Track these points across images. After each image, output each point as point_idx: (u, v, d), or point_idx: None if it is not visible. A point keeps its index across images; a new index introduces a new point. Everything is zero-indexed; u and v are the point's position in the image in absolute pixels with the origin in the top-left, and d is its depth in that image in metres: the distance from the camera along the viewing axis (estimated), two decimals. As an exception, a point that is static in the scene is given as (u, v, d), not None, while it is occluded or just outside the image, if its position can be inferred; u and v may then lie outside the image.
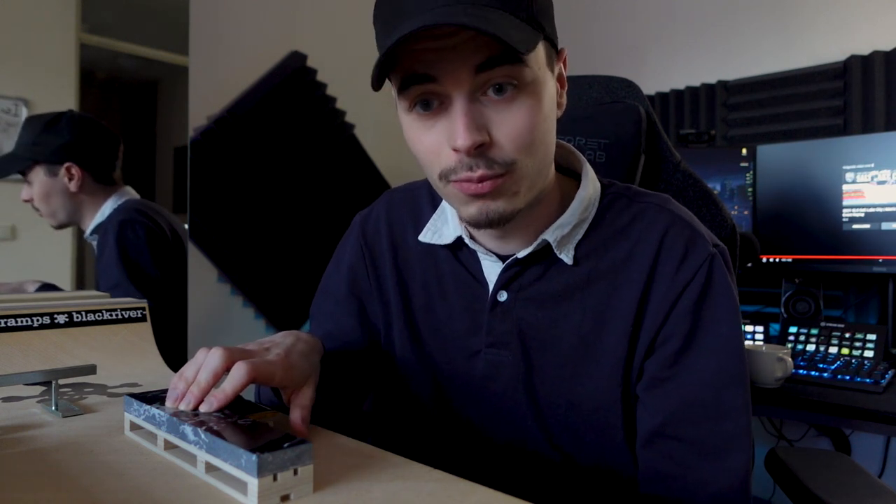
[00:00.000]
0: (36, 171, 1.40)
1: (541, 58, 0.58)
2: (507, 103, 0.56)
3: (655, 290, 0.62)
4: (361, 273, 0.79)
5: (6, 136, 1.81)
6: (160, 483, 0.47)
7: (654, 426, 0.62)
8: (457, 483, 0.48)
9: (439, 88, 0.56)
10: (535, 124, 0.57)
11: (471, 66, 0.54)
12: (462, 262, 0.71)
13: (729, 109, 2.02)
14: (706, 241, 0.63)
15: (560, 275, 0.66)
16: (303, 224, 1.63)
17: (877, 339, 1.45)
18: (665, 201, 0.67)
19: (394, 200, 0.80)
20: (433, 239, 0.72)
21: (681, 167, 0.98)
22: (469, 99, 0.55)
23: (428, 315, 0.73)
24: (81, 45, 2.02)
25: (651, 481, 0.63)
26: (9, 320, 0.82)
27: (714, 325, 0.61)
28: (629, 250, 0.64)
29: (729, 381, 0.61)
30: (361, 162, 1.77)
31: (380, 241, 0.78)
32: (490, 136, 0.56)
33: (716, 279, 0.61)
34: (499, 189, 0.57)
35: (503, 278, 0.67)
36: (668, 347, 0.61)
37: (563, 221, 0.65)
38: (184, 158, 1.44)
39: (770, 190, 1.66)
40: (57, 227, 1.47)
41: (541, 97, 0.57)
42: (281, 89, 1.56)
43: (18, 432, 0.59)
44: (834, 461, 0.98)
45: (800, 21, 1.92)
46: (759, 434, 1.86)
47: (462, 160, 0.56)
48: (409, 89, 0.57)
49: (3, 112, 1.85)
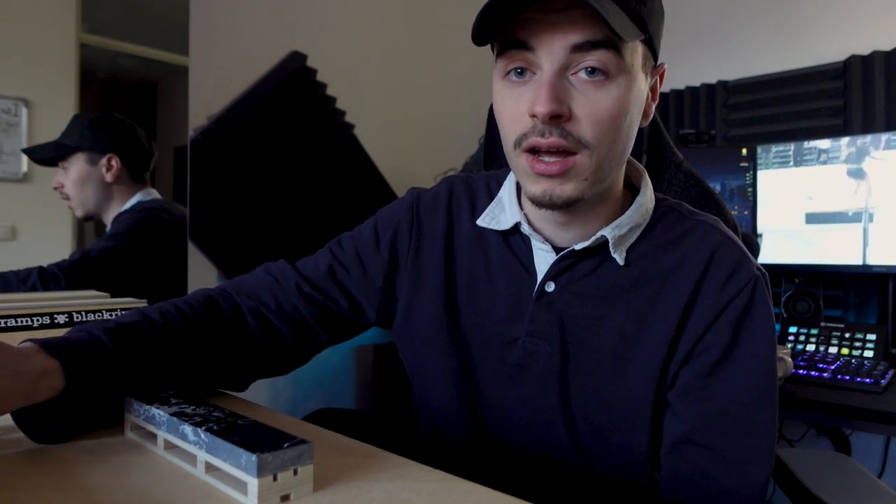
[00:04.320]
0: (77, 158, 1.45)
1: (638, 56, 0.60)
2: (595, 86, 0.57)
3: (700, 301, 0.63)
4: (403, 236, 0.77)
5: (6, 135, 1.81)
6: (160, 483, 0.47)
7: (683, 433, 0.63)
8: (457, 483, 0.48)
9: (534, 58, 0.58)
10: (617, 114, 0.58)
11: (568, 42, 0.56)
12: (513, 249, 0.72)
13: (729, 109, 2.02)
14: (752, 264, 0.65)
15: (610, 274, 0.67)
16: (303, 224, 1.63)
17: (877, 339, 1.45)
18: (716, 222, 0.69)
19: (454, 184, 0.80)
20: (491, 224, 0.72)
21: (683, 167, 0.98)
22: (559, 73, 0.57)
23: (470, 298, 0.73)
24: (81, 45, 2.02)
25: (672, 486, 0.63)
26: (9, 320, 0.82)
27: (752, 342, 0.62)
28: (679, 260, 0.65)
29: (760, 397, 0.62)
30: (361, 162, 1.77)
31: (435, 217, 0.77)
32: (571, 113, 0.57)
33: (758, 300, 0.63)
34: (566, 172, 0.59)
35: (555, 268, 0.68)
36: (706, 358, 0.63)
37: (622, 222, 0.66)
38: (184, 158, 1.44)
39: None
40: (82, 216, 1.51)
41: (629, 91, 0.59)
42: (281, 89, 1.56)
43: (18, 432, 0.59)
44: (834, 461, 0.98)
45: (800, 21, 1.92)
46: (759, 434, 1.86)
47: (536, 125, 0.58)
48: (506, 53, 0.59)
49: (3, 112, 1.85)
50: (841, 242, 1.56)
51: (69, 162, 1.46)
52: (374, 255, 0.78)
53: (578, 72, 0.57)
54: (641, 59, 0.61)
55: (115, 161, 1.46)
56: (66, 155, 1.45)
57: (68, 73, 1.99)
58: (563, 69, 0.57)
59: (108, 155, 1.46)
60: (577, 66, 0.57)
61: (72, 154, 1.45)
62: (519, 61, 0.59)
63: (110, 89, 2.31)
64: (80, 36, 2.01)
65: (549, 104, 0.56)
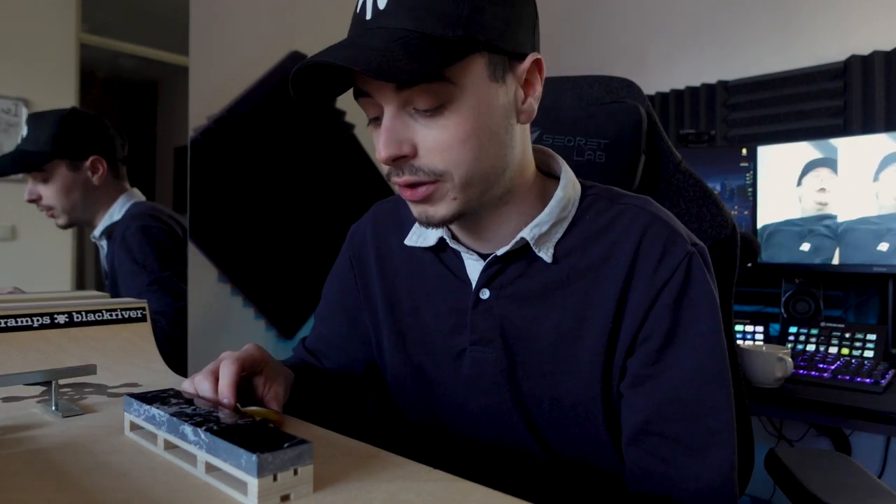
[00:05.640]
0: (56, 166, 1.37)
1: (478, 69, 0.59)
2: (432, 118, 0.58)
3: (634, 288, 0.63)
4: (350, 283, 0.83)
5: (6, 135, 1.81)
6: (160, 483, 0.47)
7: (638, 423, 0.63)
8: (457, 483, 0.48)
9: (376, 102, 0.60)
10: (466, 137, 0.59)
11: (392, 86, 0.57)
12: (445, 263, 0.73)
13: (729, 109, 2.02)
14: (684, 241, 0.64)
15: (540, 273, 0.67)
16: (303, 224, 1.63)
17: (877, 339, 1.45)
18: (645, 203, 0.68)
19: (380, 211, 0.83)
20: (418, 242, 0.74)
21: (681, 167, 0.98)
22: (395, 114, 0.59)
23: (415, 319, 0.75)
24: (81, 45, 2.02)
25: (637, 479, 0.63)
26: (9, 320, 0.82)
27: (694, 322, 0.62)
28: (608, 249, 0.65)
29: (709, 378, 0.61)
30: (361, 162, 1.77)
31: (366, 251, 0.81)
32: (416, 148, 0.59)
33: (694, 277, 0.62)
34: (432, 196, 0.61)
35: (485, 276, 0.68)
36: (649, 345, 0.62)
37: (541, 220, 0.66)
38: (184, 158, 1.44)
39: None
40: (66, 225, 1.44)
41: (476, 109, 0.59)
42: (281, 89, 1.56)
43: (18, 432, 0.59)
44: (834, 461, 0.98)
45: (800, 21, 1.92)
46: (759, 434, 1.86)
47: (391, 167, 0.61)
48: (357, 101, 0.62)
49: (3, 112, 1.85)
50: (841, 242, 1.56)
51: (48, 171, 1.36)
52: (341, 313, 0.84)
53: (415, 106, 0.58)
54: (487, 69, 0.59)
55: (101, 164, 1.40)
56: (42, 164, 1.35)
57: (68, 73, 1.99)
58: (402, 108, 0.59)
59: (92, 157, 1.39)
60: (413, 103, 0.58)
61: (49, 162, 1.35)
62: (368, 107, 0.62)
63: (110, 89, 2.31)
64: (80, 36, 2.01)
65: (387, 149, 0.58)
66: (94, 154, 1.40)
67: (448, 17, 0.56)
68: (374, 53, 0.54)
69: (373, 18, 0.57)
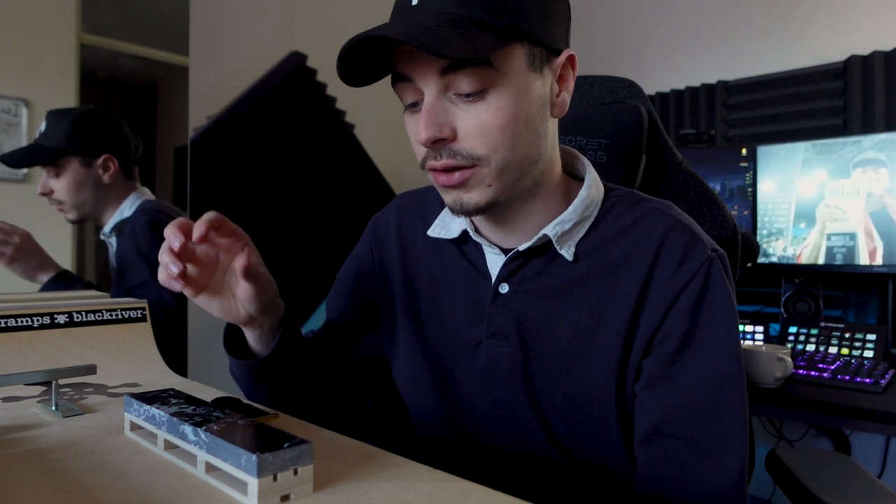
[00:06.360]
0: (69, 162, 1.40)
1: (520, 58, 0.60)
2: (473, 102, 0.59)
3: (653, 289, 0.63)
4: (367, 269, 0.83)
5: (6, 135, 1.81)
6: (160, 483, 0.47)
7: (652, 425, 0.63)
8: (457, 483, 0.48)
9: (416, 87, 0.61)
10: (505, 123, 0.60)
11: (437, 68, 0.58)
12: (467, 255, 0.73)
13: (729, 109, 2.02)
14: (705, 246, 0.64)
15: (561, 270, 0.67)
16: (303, 224, 1.63)
17: (877, 339, 1.45)
18: (668, 206, 0.68)
19: (404, 202, 0.83)
20: (441, 233, 0.74)
21: (682, 167, 0.98)
22: (437, 97, 0.60)
23: (433, 310, 0.75)
24: (81, 45, 2.02)
25: (647, 479, 0.63)
26: (9, 320, 0.82)
27: (711, 326, 0.62)
28: (629, 250, 0.65)
29: (725, 381, 0.61)
30: (361, 162, 1.77)
31: (389, 240, 0.81)
32: (456, 132, 0.60)
33: (714, 282, 0.62)
34: (468, 181, 0.61)
35: (505, 270, 0.69)
36: (666, 347, 0.62)
37: (564, 218, 0.66)
38: (184, 158, 1.44)
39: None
40: (76, 220, 1.47)
41: (515, 96, 0.60)
42: (281, 89, 1.56)
43: (18, 432, 0.59)
44: (834, 461, 0.98)
45: (800, 21, 1.92)
46: (759, 434, 1.86)
47: (429, 151, 0.61)
48: (395, 86, 0.63)
49: (3, 112, 1.85)
50: (841, 242, 1.56)
51: (61, 167, 1.40)
52: (353, 299, 0.83)
53: (457, 90, 0.59)
54: (527, 59, 0.61)
55: (112, 162, 1.43)
56: (55, 159, 1.39)
57: (68, 73, 1.99)
58: (442, 92, 0.60)
59: (105, 156, 1.42)
60: (455, 87, 0.59)
61: (62, 157, 1.39)
62: (406, 92, 0.62)
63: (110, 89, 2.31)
64: (80, 36, 2.01)
65: (427, 131, 0.59)
66: (106, 153, 1.42)
67: (494, 5, 0.57)
68: (427, 31, 0.55)
69: (420, 3, 0.58)
